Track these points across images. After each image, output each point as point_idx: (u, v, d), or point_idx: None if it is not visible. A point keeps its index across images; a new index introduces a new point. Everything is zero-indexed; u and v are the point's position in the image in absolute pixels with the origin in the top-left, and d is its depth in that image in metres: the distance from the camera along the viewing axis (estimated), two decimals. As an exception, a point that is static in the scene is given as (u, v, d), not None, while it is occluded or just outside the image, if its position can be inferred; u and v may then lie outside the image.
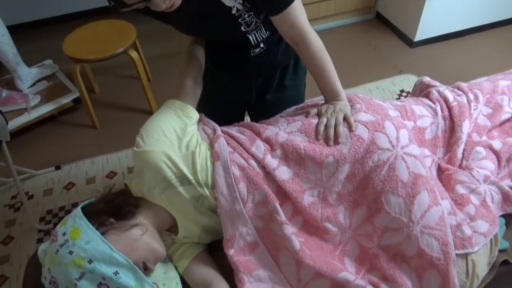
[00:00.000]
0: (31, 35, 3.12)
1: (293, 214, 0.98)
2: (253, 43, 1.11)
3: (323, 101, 1.11)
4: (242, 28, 1.01)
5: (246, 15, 0.98)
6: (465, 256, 0.91)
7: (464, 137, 1.11)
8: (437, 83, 1.29)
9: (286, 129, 1.04)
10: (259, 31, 1.09)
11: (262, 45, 1.13)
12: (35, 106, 2.29)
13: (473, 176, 1.04)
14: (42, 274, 0.88)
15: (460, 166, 1.10)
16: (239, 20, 0.98)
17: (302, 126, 1.03)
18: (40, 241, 1.80)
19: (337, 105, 1.05)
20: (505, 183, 1.04)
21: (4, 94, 2.24)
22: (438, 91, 1.21)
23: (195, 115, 1.04)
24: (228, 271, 0.96)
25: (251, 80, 1.26)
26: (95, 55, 2.06)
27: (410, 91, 1.92)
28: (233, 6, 0.93)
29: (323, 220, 0.96)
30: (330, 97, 1.07)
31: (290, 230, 0.93)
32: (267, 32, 1.10)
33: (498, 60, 2.61)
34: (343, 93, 1.07)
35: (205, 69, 1.16)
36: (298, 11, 0.97)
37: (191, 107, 1.04)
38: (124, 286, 0.83)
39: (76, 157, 2.19)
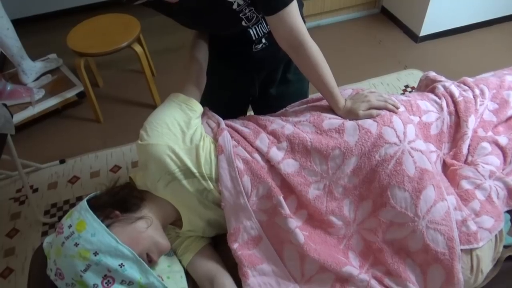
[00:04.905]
0: (35, 29, 3.12)
1: (298, 207, 0.98)
2: (254, 38, 1.10)
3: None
4: (243, 23, 1.01)
5: (247, 10, 0.97)
6: (470, 251, 0.91)
7: (469, 133, 1.11)
8: (442, 78, 1.28)
9: (294, 119, 1.04)
10: (260, 25, 1.09)
11: (264, 40, 1.12)
12: (39, 100, 2.29)
13: (479, 172, 1.03)
14: (47, 266, 0.89)
15: (465, 162, 1.09)
16: (240, 15, 0.98)
17: (311, 117, 1.03)
18: (44, 234, 1.82)
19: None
20: (511, 179, 1.03)
21: (8, 88, 2.24)
22: (444, 86, 1.20)
23: (199, 108, 1.04)
24: (232, 265, 0.97)
25: (253, 75, 1.25)
26: (99, 49, 2.06)
27: (415, 86, 1.91)
28: (234, 1, 0.93)
29: (328, 213, 0.96)
30: (334, 105, 1.05)
31: (294, 223, 0.93)
32: (268, 27, 1.10)
33: (505, 55, 2.59)
34: (341, 99, 1.04)
35: (209, 63, 1.16)
36: (295, 13, 0.94)
37: (195, 101, 1.04)
38: (129, 278, 0.84)
39: (80, 151, 2.20)
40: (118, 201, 0.94)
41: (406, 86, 2.41)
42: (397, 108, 1.03)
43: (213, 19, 1.00)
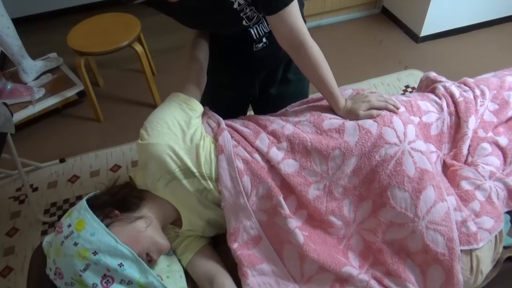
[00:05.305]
0: (35, 28, 3.12)
1: (297, 207, 0.98)
2: (255, 37, 1.10)
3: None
4: (244, 22, 1.00)
5: (248, 10, 0.97)
6: (470, 252, 0.91)
7: (470, 133, 1.11)
8: (443, 79, 1.28)
9: (294, 119, 1.04)
10: (260, 25, 1.08)
11: (264, 39, 1.12)
12: (39, 99, 2.29)
13: (479, 172, 1.03)
14: (47, 266, 0.89)
15: (465, 162, 1.09)
16: (241, 14, 0.98)
17: (311, 117, 1.03)
18: (44, 233, 1.82)
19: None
20: (511, 180, 1.03)
21: (9, 87, 2.24)
22: (444, 87, 1.20)
23: (199, 108, 1.04)
24: (231, 265, 0.97)
25: (254, 74, 1.25)
26: (100, 48, 2.06)
27: (415, 86, 1.91)
28: (235, 1, 0.93)
29: (328, 213, 0.96)
30: (334, 105, 1.05)
31: (294, 224, 0.93)
32: (269, 26, 1.09)
33: (505, 56, 2.59)
34: (342, 99, 1.04)
35: (209, 63, 1.16)
36: (296, 13, 0.94)
37: (195, 100, 1.04)
38: (129, 278, 0.84)
39: (80, 150, 2.20)
40: (118, 200, 0.94)
41: (407, 87, 2.41)
42: (398, 108, 1.03)
43: (214, 19, 1.00)
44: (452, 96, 1.17)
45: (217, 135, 0.99)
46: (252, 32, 1.09)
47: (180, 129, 0.96)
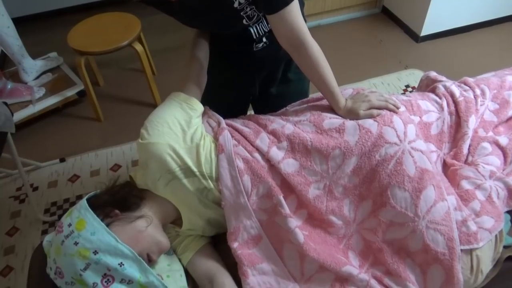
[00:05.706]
0: (36, 27, 3.12)
1: (298, 207, 0.98)
2: (255, 36, 1.10)
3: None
4: (244, 21, 1.00)
5: (248, 9, 0.97)
6: (470, 251, 0.91)
7: (470, 133, 1.11)
8: (443, 78, 1.28)
9: (295, 118, 1.04)
10: (260, 24, 1.08)
11: (264, 39, 1.12)
12: (39, 98, 2.30)
13: (479, 172, 1.03)
14: (47, 265, 0.89)
15: (465, 162, 1.09)
16: (241, 13, 0.98)
17: (311, 116, 1.03)
18: (44, 232, 1.82)
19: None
20: (511, 179, 1.03)
21: (9, 87, 2.24)
22: (445, 86, 1.20)
23: (200, 107, 1.04)
24: (231, 264, 0.97)
25: (254, 74, 1.25)
26: (100, 47, 2.06)
27: (416, 86, 1.91)
28: (235, 0, 0.93)
29: (328, 213, 0.96)
30: (334, 104, 1.05)
31: (294, 223, 0.93)
32: (269, 26, 1.09)
33: (506, 56, 2.59)
34: (342, 99, 1.04)
35: (209, 62, 1.16)
36: (296, 12, 0.94)
37: (196, 100, 1.04)
38: (129, 277, 0.84)
39: (80, 149, 2.20)
40: (118, 200, 0.94)
41: (407, 86, 2.41)
42: (398, 108, 1.03)
43: (214, 18, 1.00)
44: (452, 95, 1.17)
45: (217, 134, 0.99)
46: (252, 32, 1.09)
47: (181, 128, 0.96)
